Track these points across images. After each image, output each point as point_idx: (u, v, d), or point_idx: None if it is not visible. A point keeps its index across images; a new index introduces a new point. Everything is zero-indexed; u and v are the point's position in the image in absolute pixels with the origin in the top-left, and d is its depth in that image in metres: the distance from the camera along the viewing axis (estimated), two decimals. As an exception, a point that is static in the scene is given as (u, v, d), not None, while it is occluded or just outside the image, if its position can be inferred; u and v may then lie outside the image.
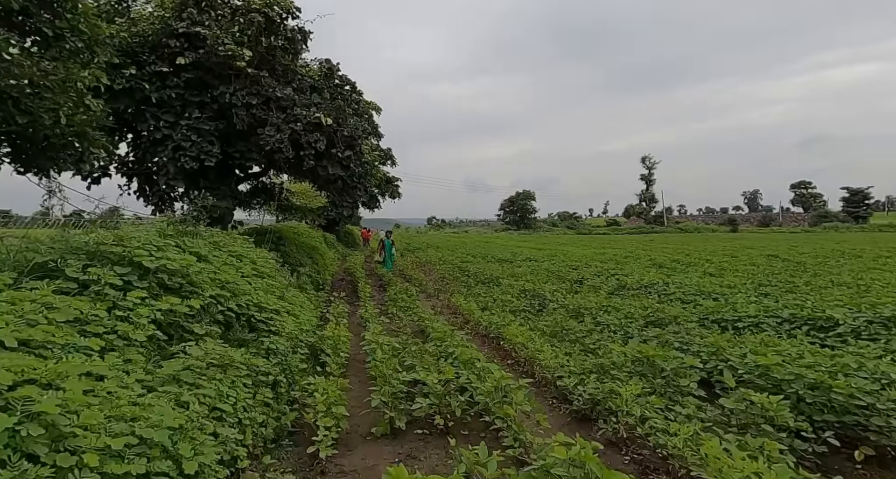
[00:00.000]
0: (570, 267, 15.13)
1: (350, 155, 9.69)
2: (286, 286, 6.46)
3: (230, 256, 5.55)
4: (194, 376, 2.69)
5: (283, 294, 5.43)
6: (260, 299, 4.71)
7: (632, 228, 79.75)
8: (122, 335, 2.75)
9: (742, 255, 20.56)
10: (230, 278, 4.50)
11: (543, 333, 6.57)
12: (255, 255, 6.24)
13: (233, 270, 4.97)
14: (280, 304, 5.02)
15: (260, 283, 5.17)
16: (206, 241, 5.40)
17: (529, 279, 12.79)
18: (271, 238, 12.72)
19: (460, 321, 8.82)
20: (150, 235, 4.05)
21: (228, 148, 9.21)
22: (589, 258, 19.40)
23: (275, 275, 6.25)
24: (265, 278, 5.73)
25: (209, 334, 3.55)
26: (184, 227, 5.24)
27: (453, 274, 15.91)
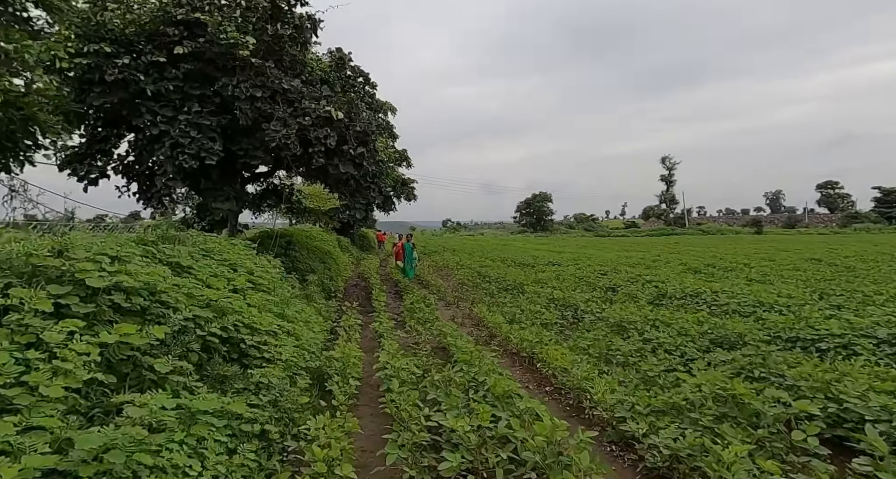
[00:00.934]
0: (598, 272, 14.12)
1: (363, 152, 8.90)
2: (290, 299, 5.65)
3: (222, 265, 4.76)
4: (128, 451, 1.86)
5: (283, 310, 4.61)
6: (253, 318, 3.90)
7: (652, 229, 77.82)
8: (32, 387, 1.94)
9: (780, 258, 19.27)
10: (216, 294, 3.70)
11: (585, 352, 5.64)
12: (254, 263, 5.45)
13: (223, 283, 4.17)
14: (278, 323, 4.21)
15: (256, 298, 4.37)
16: (194, 248, 4.62)
17: (556, 286, 11.85)
18: (279, 243, 12.01)
19: (485, 335, 7.93)
20: (108, 243, 3.26)
21: (232, 145, 8.50)
22: (615, 262, 18.33)
23: (277, 286, 5.45)
24: (263, 292, 4.92)
25: (177, 370, 2.73)
26: (167, 232, 4.48)
27: (473, 280, 15.01)
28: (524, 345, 6.13)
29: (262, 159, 8.46)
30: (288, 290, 6.41)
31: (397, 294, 13.23)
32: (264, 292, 4.92)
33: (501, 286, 12.69)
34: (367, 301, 12.05)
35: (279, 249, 11.58)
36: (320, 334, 6.23)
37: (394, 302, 11.95)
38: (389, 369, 4.74)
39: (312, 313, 6.84)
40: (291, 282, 7.90)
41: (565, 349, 5.59)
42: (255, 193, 14.08)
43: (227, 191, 8.65)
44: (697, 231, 72.42)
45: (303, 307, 6.16)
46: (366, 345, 7.39)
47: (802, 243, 34.32)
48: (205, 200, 8.46)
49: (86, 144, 8.76)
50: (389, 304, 11.34)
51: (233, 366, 3.23)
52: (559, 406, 4.62)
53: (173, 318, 2.96)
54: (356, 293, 13.45)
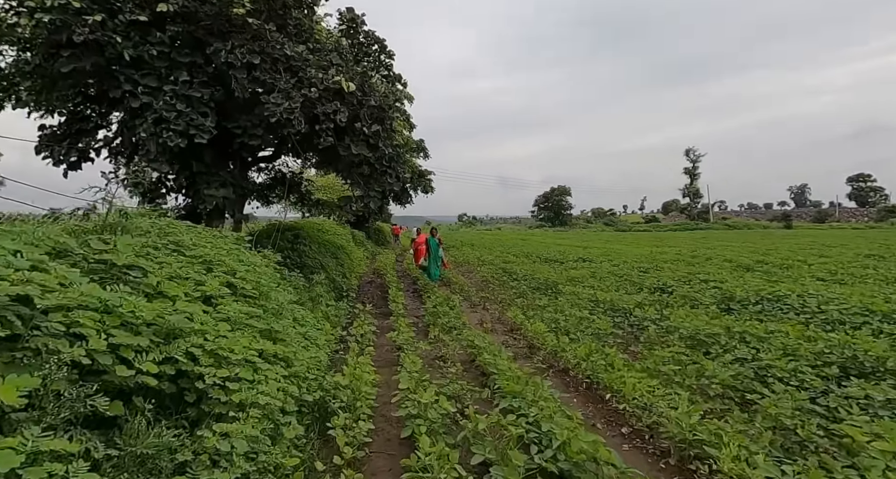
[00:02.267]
0: (638, 269, 12.71)
1: (378, 130, 7.66)
2: (286, 307, 4.45)
3: (193, 263, 3.56)
4: None
5: (271, 326, 3.39)
6: (221, 341, 2.69)
7: (674, 224, 75.41)
8: None
9: (832, 254, 17.54)
10: (162, 307, 2.50)
11: (667, 378, 4.33)
12: (242, 261, 4.25)
13: (184, 289, 2.97)
14: (259, 346, 2.99)
15: (232, 309, 3.16)
16: (151, 239, 3.44)
17: (596, 286, 10.50)
18: (286, 236, 10.86)
19: (524, 347, 6.66)
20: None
21: (227, 122, 7.34)
22: (650, 258, 16.85)
23: (270, 291, 4.24)
24: (248, 299, 3.72)
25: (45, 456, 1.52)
26: (107, 219, 3.31)
27: (498, 277, 13.72)
28: (582, 365, 4.84)
29: (261, 139, 7.30)
30: (287, 294, 5.21)
31: (416, 293, 12.02)
32: (249, 300, 3.72)
33: (532, 285, 11.38)
34: (382, 301, 10.87)
35: (285, 243, 10.46)
36: (325, 349, 5.02)
37: (412, 303, 10.74)
38: (413, 406, 3.50)
39: (316, 320, 5.64)
40: (295, 281, 6.73)
41: (639, 373, 4.28)
42: (263, 182, 12.97)
43: (222, 176, 7.51)
44: (723, 226, 69.81)
45: (304, 315, 4.96)
46: (382, 359, 6.18)
47: (841, 238, 32.14)
48: (196, 187, 7.33)
49: (65, 123, 7.70)
50: (408, 305, 10.13)
51: (170, 430, 2.02)
52: (650, 458, 3.33)
53: (61, 354, 1.76)
54: (371, 292, 12.27)
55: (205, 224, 8.27)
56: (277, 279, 5.71)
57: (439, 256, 12.75)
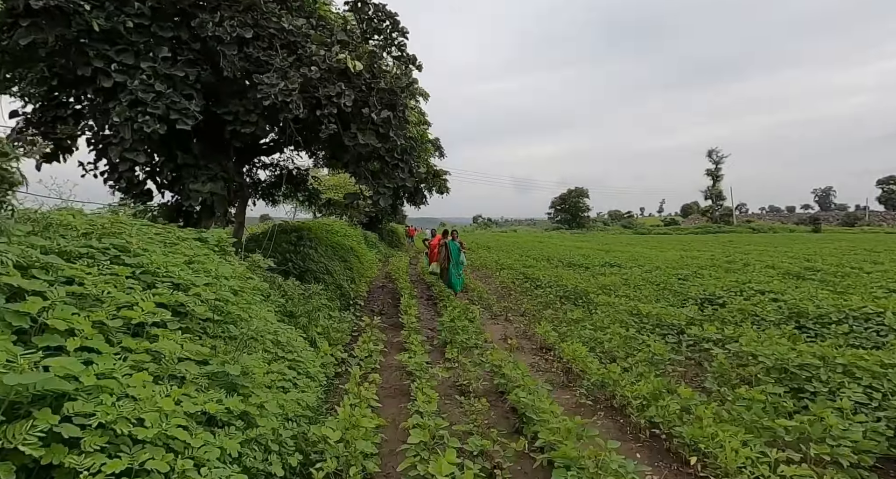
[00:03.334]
0: (675, 276, 11.50)
1: (388, 117, 6.65)
2: (262, 331, 3.44)
3: (132, 277, 2.59)
4: None
5: (226, 369, 2.37)
6: (124, 406, 1.69)
7: (696, 227, 73.12)
8: None
9: (882, 260, 16.05)
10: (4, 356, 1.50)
11: (777, 437, 3.20)
12: (207, 272, 3.26)
13: (98, 317, 1.99)
14: (202, 403, 1.98)
15: (168, 346, 2.15)
16: (55, 242, 2.47)
17: (631, 295, 9.35)
18: (289, 238, 9.93)
19: (558, 369, 5.58)
20: None
21: (217, 107, 6.42)
22: (682, 263, 15.58)
23: (244, 310, 3.24)
24: (202, 327, 2.72)
25: None
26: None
27: (520, 284, 12.62)
28: (647, 408, 3.74)
29: (255, 126, 6.35)
30: (269, 312, 4.22)
31: (430, 301, 11.00)
32: (208, 326, 2.72)
33: (559, 294, 10.26)
34: (393, 310, 9.87)
35: (288, 246, 9.53)
36: (317, 380, 4.01)
37: (427, 312, 9.72)
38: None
39: (308, 343, 4.64)
40: (291, 291, 5.74)
41: (732, 427, 3.17)
42: (268, 179, 12.09)
43: (212, 169, 6.58)
44: (747, 229, 67.36)
45: (291, 338, 3.95)
46: (390, 386, 5.15)
47: (879, 242, 30.25)
48: (183, 182, 6.42)
49: (38, 110, 6.86)
50: (422, 315, 9.11)
51: None
52: None
53: None
54: (381, 299, 11.28)
55: (197, 225, 7.37)
56: (264, 291, 4.73)
57: (461, 262, 11.03)
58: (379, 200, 7.45)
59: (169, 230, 4.00)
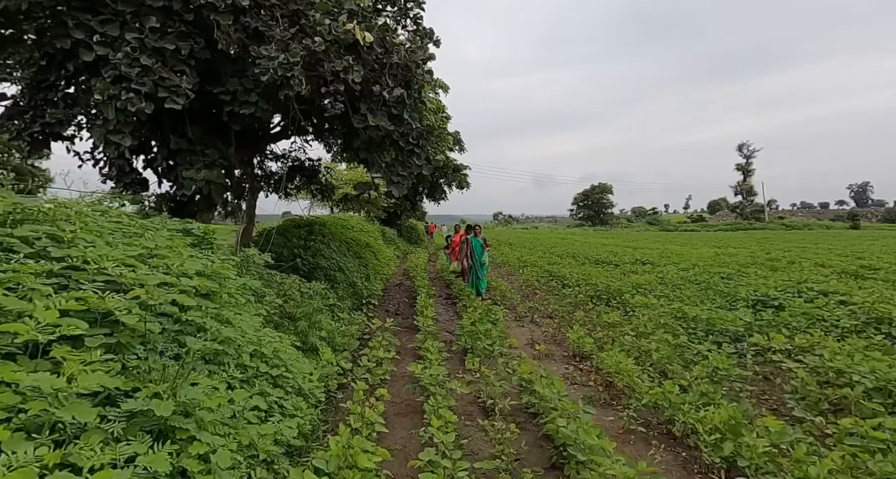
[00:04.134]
0: (718, 275, 10.50)
1: (402, 96, 5.94)
2: (235, 343, 2.75)
3: (44, 274, 1.92)
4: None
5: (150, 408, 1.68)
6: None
7: (725, 224, 70.56)
8: None
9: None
10: None
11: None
12: (167, 270, 2.60)
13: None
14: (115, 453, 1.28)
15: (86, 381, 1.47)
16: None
17: (671, 295, 8.45)
18: (298, 233, 9.33)
19: (596, 382, 4.78)
20: None
21: (213, 86, 5.81)
22: (719, 261, 14.49)
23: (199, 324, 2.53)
24: (141, 342, 2.04)
25: None
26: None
27: (546, 282, 11.79)
28: (728, 447, 2.92)
29: (255, 107, 5.71)
30: (251, 317, 3.54)
31: (449, 300, 10.28)
32: (127, 353, 2.04)
33: (589, 293, 9.41)
34: (409, 309, 9.18)
35: (297, 240, 8.92)
36: (310, 401, 3.33)
37: (445, 312, 8.99)
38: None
39: (300, 355, 3.95)
40: (289, 289, 5.08)
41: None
42: (280, 171, 11.54)
43: (209, 155, 5.98)
44: (780, 226, 64.70)
45: (278, 348, 3.26)
46: (400, 404, 4.43)
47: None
48: (177, 169, 5.83)
49: (28, 92, 6.37)
50: (439, 316, 8.39)
51: None
52: None
53: None
54: (397, 298, 10.60)
55: (196, 218, 6.80)
56: (257, 291, 4.08)
57: (484, 262, 9.86)
58: (392, 189, 6.74)
59: (134, 219, 3.36)
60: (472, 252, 9.80)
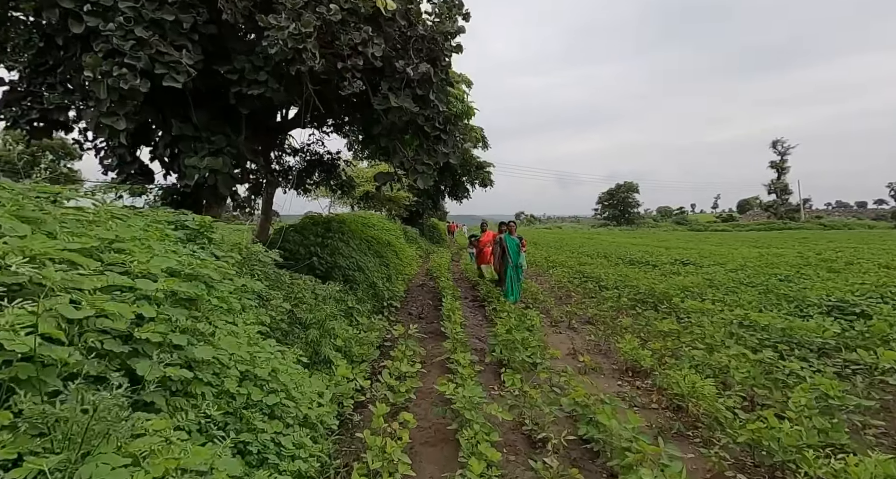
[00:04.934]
0: (774, 277, 9.49)
1: (428, 73, 5.24)
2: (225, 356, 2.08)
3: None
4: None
5: None
6: None
7: (757, 223, 67.80)
8: None
9: None
10: None
11: None
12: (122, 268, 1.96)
13: None
14: None
15: None
16: None
17: (725, 299, 7.53)
18: (315, 231, 8.73)
19: (659, 403, 3.98)
20: None
21: (220, 64, 5.23)
22: (768, 262, 13.36)
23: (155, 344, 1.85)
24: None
25: None
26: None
27: (580, 284, 10.94)
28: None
29: (266, 87, 5.10)
30: (251, 320, 2.88)
31: (476, 302, 9.54)
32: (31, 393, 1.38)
33: (632, 296, 8.54)
34: (434, 313, 8.49)
35: (314, 238, 8.32)
36: (319, 430, 2.66)
37: (473, 316, 8.26)
38: None
39: (304, 372, 3.27)
40: (300, 291, 4.43)
41: None
42: (298, 165, 11.01)
43: (216, 142, 5.40)
44: (817, 225, 61.76)
45: (278, 368, 2.58)
46: (428, 430, 3.71)
47: None
48: (180, 156, 5.26)
49: (27, 77, 5.91)
50: (467, 320, 7.67)
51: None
52: None
53: None
54: (420, 300, 9.92)
55: (205, 212, 6.24)
56: (261, 293, 3.43)
57: (521, 264, 8.61)
58: (417, 180, 6.04)
59: (101, 205, 2.74)
60: (505, 253, 8.67)
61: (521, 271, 8.71)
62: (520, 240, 8.77)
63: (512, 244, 8.64)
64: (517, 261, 8.56)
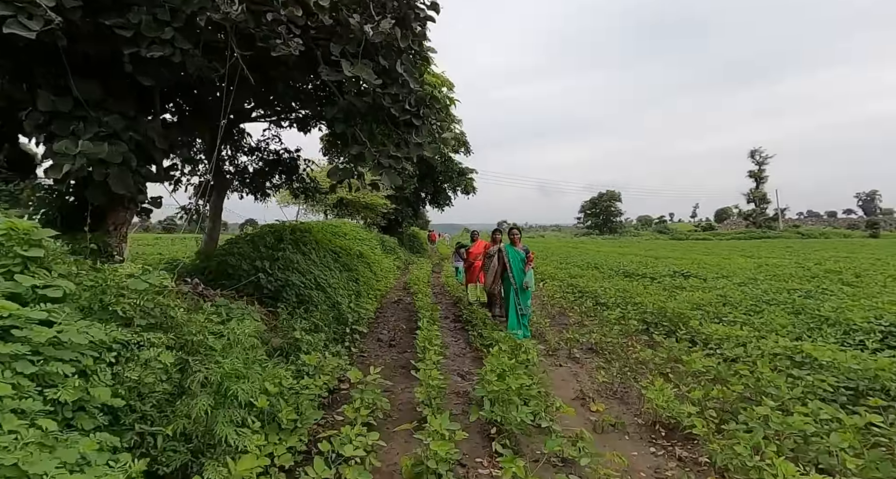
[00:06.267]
0: (792, 292, 8.41)
1: (393, 36, 3.96)
2: None
3: None
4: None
5: None
6: None
7: (737, 232, 68.17)
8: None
9: None
10: None
11: None
12: None
13: None
14: None
15: None
16: None
17: (751, 322, 6.36)
18: (265, 241, 7.32)
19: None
20: None
21: (107, 17, 3.84)
22: (770, 273, 12.40)
23: None
24: None
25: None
26: None
27: (575, 300, 9.72)
28: None
29: (171, 47, 3.74)
30: (96, 394, 1.51)
31: (458, 324, 8.21)
32: None
33: (638, 315, 7.32)
34: (409, 335, 7.13)
35: (264, 250, 6.90)
36: None
37: (455, 343, 6.92)
38: None
39: None
40: (202, 331, 3.04)
41: None
42: (255, 165, 9.60)
43: (109, 123, 3.99)
44: (794, 234, 62.27)
45: None
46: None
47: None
48: (54, 139, 3.85)
49: None
50: (448, 349, 6.33)
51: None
52: None
53: None
54: (393, 321, 8.53)
55: (109, 220, 4.83)
56: (74, 354, 2.06)
57: (528, 285, 6.61)
58: (383, 178, 4.70)
59: None
60: (507, 269, 6.71)
61: (528, 295, 6.68)
62: (526, 253, 6.76)
63: (515, 258, 6.71)
64: (522, 279, 6.61)
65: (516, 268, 6.68)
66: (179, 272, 6.51)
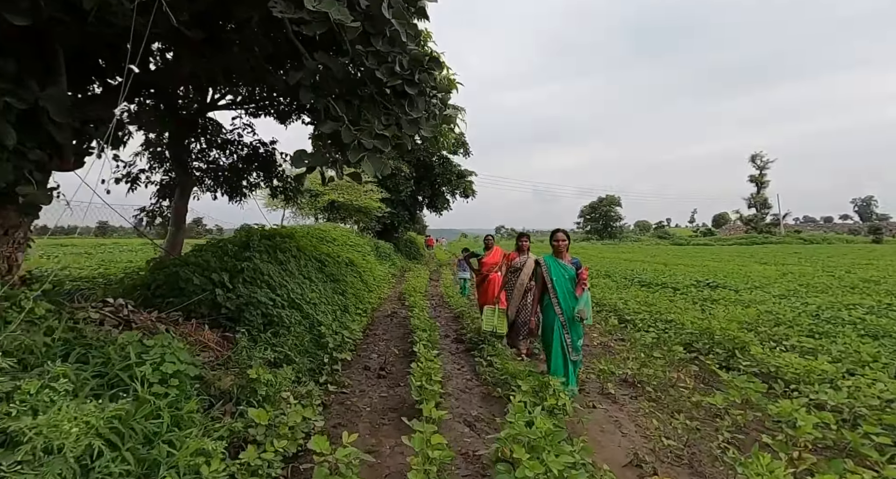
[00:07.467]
0: (851, 308, 7.21)
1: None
2: None
3: None
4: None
5: None
6: None
7: (739, 237, 67.20)
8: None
9: None
10: None
11: None
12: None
13: None
14: None
15: None
16: None
17: (830, 351, 5.15)
18: (228, 250, 6.08)
19: None
20: None
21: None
22: (803, 284, 11.22)
23: None
24: None
25: None
26: None
27: (595, 316, 8.49)
28: None
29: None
30: None
31: (461, 345, 6.96)
32: None
33: (679, 339, 6.09)
34: (403, 361, 5.89)
35: (228, 259, 5.65)
36: None
37: (458, 372, 5.65)
38: None
39: None
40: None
41: None
42: (233, 162, 8.37)
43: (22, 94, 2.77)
44: (796, 239, 61.33)
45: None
46: None
47: None
48: None
49: None
50: (451, 379, 5.09)
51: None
52: None
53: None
54: (385, 341, 7.26)
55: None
56: None
57: (582, 314, 4.39)
58: (367, 163, 3.47)
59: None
60: (548, 290, 4.67)
61: (581, 330, 4.62)
62: (576, 269, 4.65)
63: (561, 276, 4.61)
64: (575, 307, 4.44)
65: (562, 289, 4.59)
66: (112, 290, 5.27)
